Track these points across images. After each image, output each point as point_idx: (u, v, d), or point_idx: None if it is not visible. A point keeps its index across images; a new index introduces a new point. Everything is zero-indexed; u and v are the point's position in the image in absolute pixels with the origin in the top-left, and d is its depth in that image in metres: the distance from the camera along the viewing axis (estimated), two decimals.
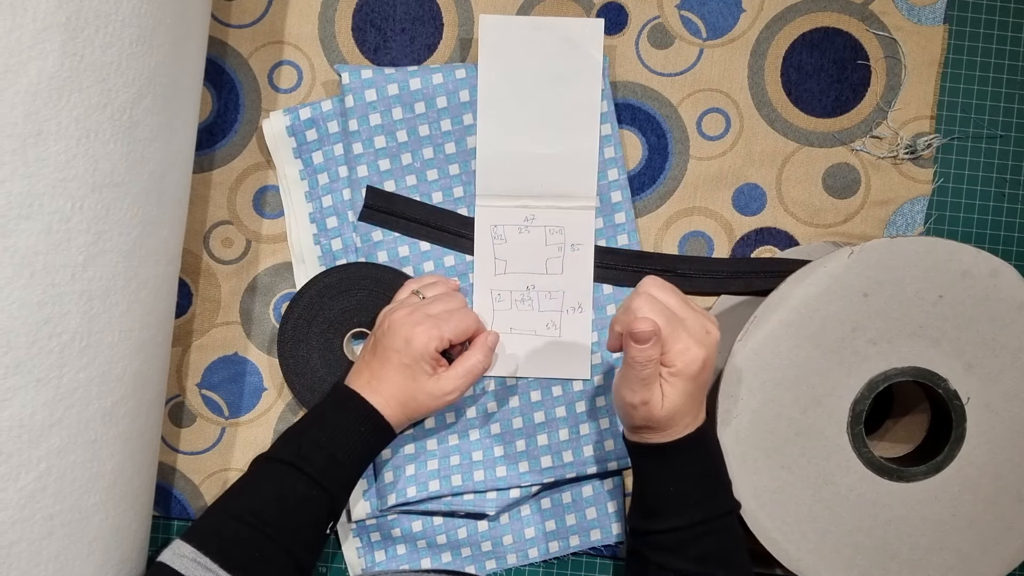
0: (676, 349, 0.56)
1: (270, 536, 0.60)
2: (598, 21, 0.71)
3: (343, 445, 0.63)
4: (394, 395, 0.65)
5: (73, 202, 0.51)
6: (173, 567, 0.58)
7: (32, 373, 0.51)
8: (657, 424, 0.58)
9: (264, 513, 0.60)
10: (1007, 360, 0.63)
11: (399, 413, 0.66)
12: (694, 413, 0.59)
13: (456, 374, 0.66)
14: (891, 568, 0.64)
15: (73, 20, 0.49)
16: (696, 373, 0.57)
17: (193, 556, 0.58)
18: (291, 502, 0.61)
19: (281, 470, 0.62)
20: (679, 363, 0.56)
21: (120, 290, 0.56)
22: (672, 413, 0.57)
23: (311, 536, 0.62)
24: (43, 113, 0.49)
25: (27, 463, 0.51)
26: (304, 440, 0.63)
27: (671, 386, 0.57)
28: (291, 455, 0.62)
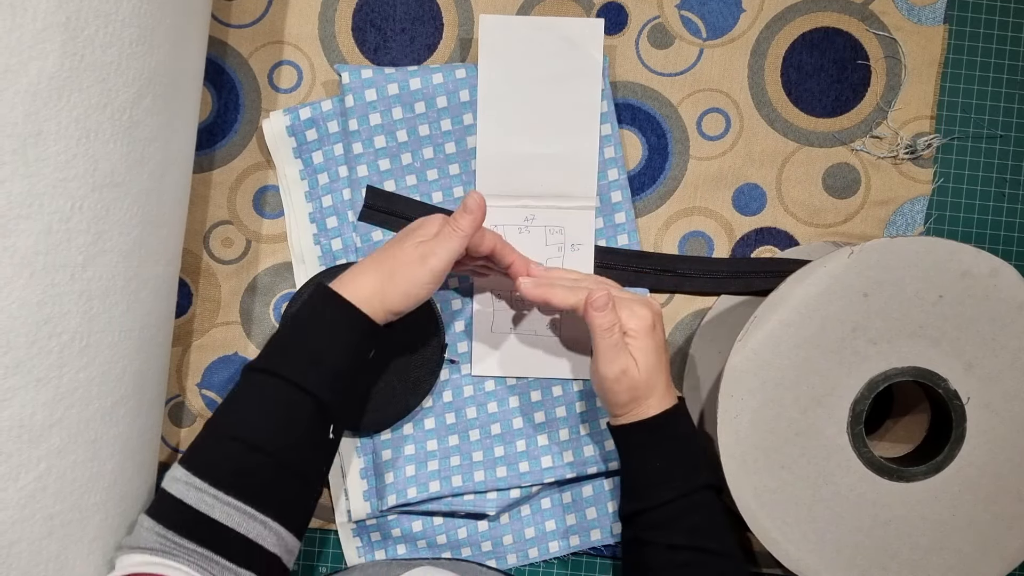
0: (625, 315, 0.63)
1: (258, 447, 0.58)
2: (598, 21, 0.71)
3: (319, 343, 0.61)
4: (366, 279, 0.62)
5: (73, 202, 0.51)
6: (169, 491, 0.57)
7: (32, 373, 0.51)
8: (638, 391, 0.63)
9: (248, 425, 0.59)
10: (1007, 360, 0.63)
11: (375, 299, 0.62)
12: (664, 381, 0.64)
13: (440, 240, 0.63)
14: (891, 568, 0.64)
15: (73, 20, 0.49)
16: (651, 327, 0.63)
17: (185, 478, 0.57)
18: (273, 410, 0.59)
19: (259, 379, 0.60)
20: (633, 323, 0.63)
21: (120, 290, 0.56)
22: (648, 374, 0.63)
23: (304, 443, 0.60)
24: (43, 113, 0.49)
25: (27, 463, 0.51)
26: (279, 345, 0.62)
27: (636, 347, 0.63)
28: (267, 362, 0.61)
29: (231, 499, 0.57)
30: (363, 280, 0.63)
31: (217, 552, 0.56)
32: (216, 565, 0.56)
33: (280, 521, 0.58)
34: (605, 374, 0.63)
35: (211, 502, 0.56)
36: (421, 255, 0.62)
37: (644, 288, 0.74)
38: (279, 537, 0.59)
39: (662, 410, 0.63)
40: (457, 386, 0.74)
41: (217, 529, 0.56)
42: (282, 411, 0.59)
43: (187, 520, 0.56)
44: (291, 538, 0.60)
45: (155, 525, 0.56)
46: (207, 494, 0.56)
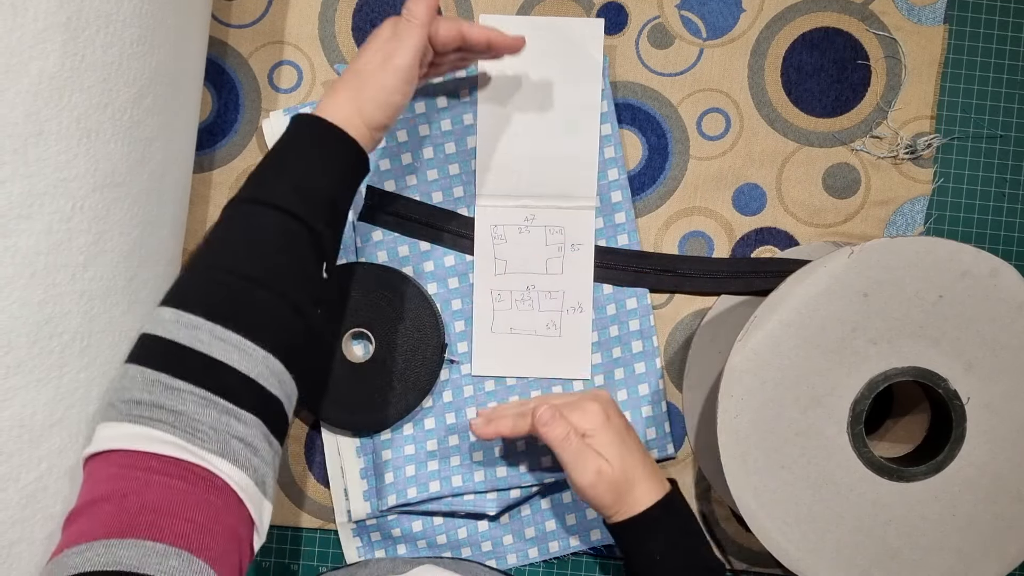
0: (576, 417, 0.63)
1: (249, 277, 0.53)
2: (598, 21, 0.71)
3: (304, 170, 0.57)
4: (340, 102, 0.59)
5: (74, 202, 0.51)
6: (157, 334, 0.51)
7: (33, 373, 0.51)
8: (620, 486, 0.62)
9: (239, 254, 0.54)
10: (1007, 360, 0.63)
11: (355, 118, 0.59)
12: (643, 465, 0.63)
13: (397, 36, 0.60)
14: (891, 568, 0.64)
15: (74, 20, 0.49)
16: (604, 420, 0.63)
17: (173, 316, 0.51)
18: (264, 236, 0.55)
19: (246, 208, 0.56)
20: (586, 422, 0.63)
21: (120, 290, 0.56)
22: (623, 466, 0.62)
23: (298, 273, 0.55)
24: (44, 113, 0.49)
25: (28, 463, 0.51)
26: (260, 173, 0.57)
27: (599, 444, 0.62)
28: (253, 191, 0.56)
29: (228, 332, 0.51)
30: (336, 101, 0.59)
31: (216, 392, 0.50)
32: (214, 408, 0.50)
33: (280, 357, 0.53)
34: (580, 482, 0.62)
35: (206, 339, 0.51)
36: (384, 57, 0.59)
37: (644, 288, 0.74)
38: (279, 378, 0.53)
39: (653, 501, 0.62)
40: (457, 386, 0.74)
41: (214, 367, 0.51)
42: (274, 238, 0.55)
43: (180, 359, 0.50)
44: (290, 381, 0.55)
45: (143, 371, 0.50)
46: (201, 330, 0.51)
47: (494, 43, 0.63)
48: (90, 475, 0.49)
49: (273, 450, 0.54)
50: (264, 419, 0.52)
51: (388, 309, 0.72)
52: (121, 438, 0.49)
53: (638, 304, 0.74)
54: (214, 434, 0.50)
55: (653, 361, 0.74)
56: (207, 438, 0.49)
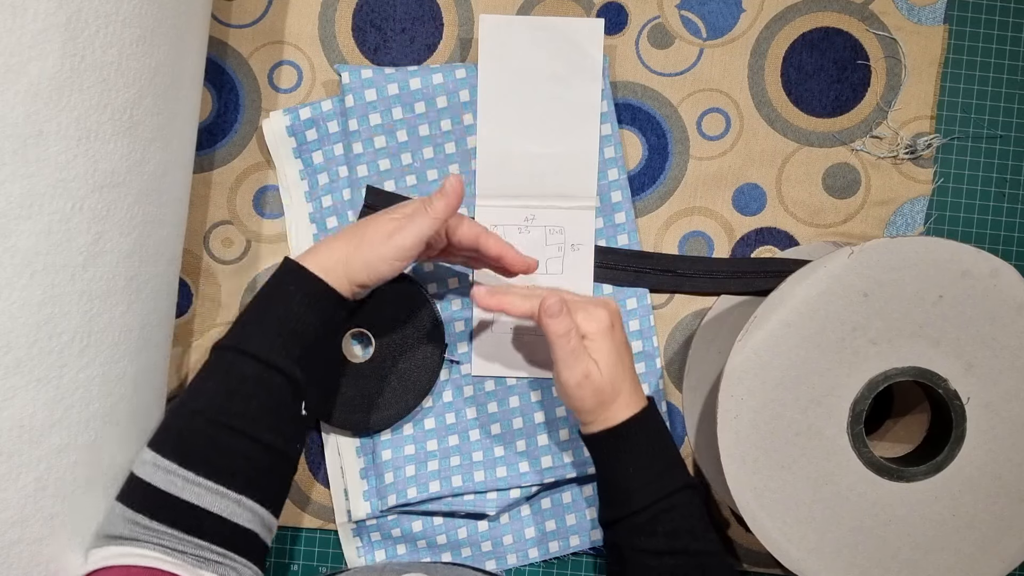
0: (581, 318, 0.63)
1: (225, 424, 0.57)
2: (598, 21, 0.71)
3: (283, 316, 0.60)
4: (334, 248, 0.62)
5: (73, 202, 0.51)
6: (139, 475, 0.57)
7: (32, 373, 0.51)
8: (604, 394, 0.62)
9: (215, 402, 0.58)
10: (1007, 360, 0.63)
11: (339, 268, 0.62)
12: (630, 381, 0.64)
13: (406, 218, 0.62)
14: (891, 568, 0.64)
15: (73, 20, 0.49)
16: (608, 328, 0.63)
17: (153, 460, 0.56)
18: (240, 385, 0.58)
19: (226, 357, 0.59)
20: (591, 326, 0.63)
21: (120, 290, 0.56)
22: (612, 376, 0.62)
23: (273, 419, 0.59)
24: (43, 113, 0.49)
25: (27, 463, 0.51)
26: (244, 321, 0.61)
27: (595, 349, 0.63)
28: (232, 339, 0.60)
29: (200, 479, 0.56)
30: (329, 249, 0.62)
31: (189, 532, 0.55)
32: (190, 544, 0.55)
33: (253, 497, 0.58)
34: (567, 380, 0.62)
35: (180, 483, 0.56)
36: (389, 231, 0.61)
37: (644, 288, 0.74)
38: (254, 513, 0.58)
39: (631, 414, 0.63)
40: (457, 386, 0.74)
41: (187, 509, 0.55)
42: (249, 387, 0.58)
43: (156, 502, 0.55)
44: (267, 514, 0.59)
45: (124, 510, 0.56)
46: (176, 475, 0.56)
47: (505, 258, 0.67)
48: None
49: (252, 572, 0.59)
50: (238, 551, 0.58)
51: (388, 309, 0.72)
52: (109, 557, 0.54)
53: (638, 304, 0.74)
54: (193, 558, 0.55)
55: (653, 361, 0.74)
56: (187, 558, 0.55)
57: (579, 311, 0.64)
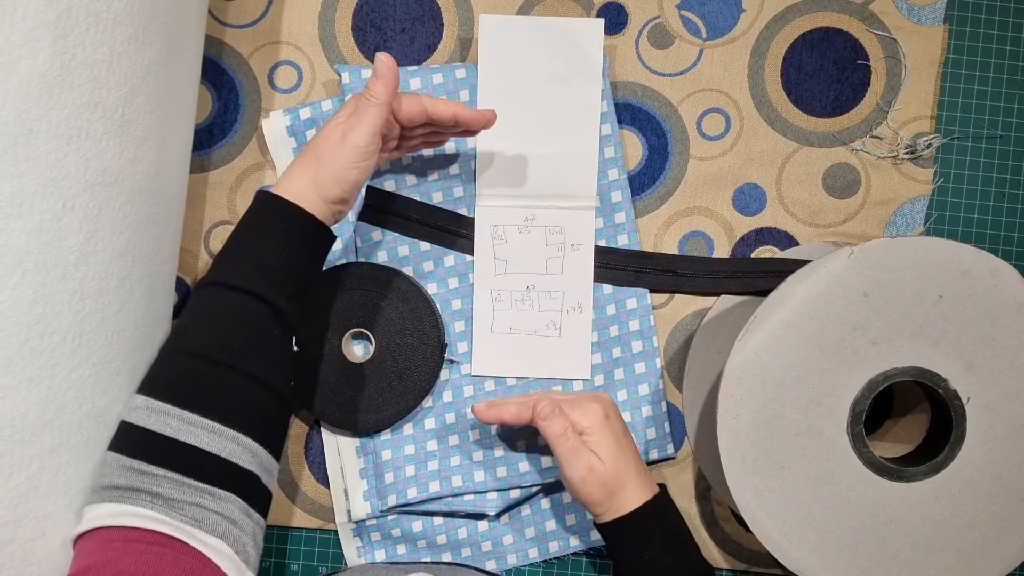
0: (577, 415, 0.64)
1: (215, 360, 0.56)
2: (598, 21, 0.71)
3: (262, 247, 0.59)
4: (299, 174, 0.60)
5: (64, 201, 0.51)
6: (131, 421, 0.55)
7: (24, 372, 0.50)
8: (611, 485, 0.63)
9: (201, 338, 0.57)
10: (1007, 360, 0.63)
11: (311, 191, 0.60)
12: (635, 466, 0.64)
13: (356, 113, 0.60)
14: (891, 568, 0.64)
15: (64, 18, 0.49)
16: (603, 419, 0.64)
17: (144, 404, 0.55)
18: (225, 319, 0.57)
19: (208, 292, 0.58)
20: (586, 420, 0.64)
21: (113, 289, 0.56)
22: (615, 466, 0.63)
23: (263, 351, 0.58)
24: (33, 112, 0.49)
25: (20, 463, 0.51)
26: (224, 256, 0.60)
27: (595, 443, 0.63)
28: (213, 274, 0.59)
29: (195, 416, 0.54)
30: (293, 175, 0.61)
31: (187, 475, 0.53)
32: (189, 489, 0.53)
33: (251, 435, 0.56)
34: (571, 477, 0.63)
35: (175, 424, 0.54)
36: (342, 134, 0.60)
37: (644, 288, 0.74)
38: (253, 454, 0.56)
39: (642, 502, 0.63)
40: (457, 386, 0.74)
41: (185, 451, 0.54)
42: (236, 320, 0.57)
43: (151, 446, 0.54)
44: (266, 455, 0.58)
45: (119, 458, 0.54)
46: (170, 416, 0.54)
47: (460, 117, 0.64)
48: (76, 552, 0.53)
49: (254, 522, 0.57)
50: (241, 494, 0.55)
51: (388, 309, 0.72)
52: (103, 516, 0.52)
53: (638, 304, 0.74)
54: (191, 509, 0.53)
55: (653, 361, 0.74)
56: (184, 513, 0.53)
57: (574, 409, 0.64)
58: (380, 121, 0.60)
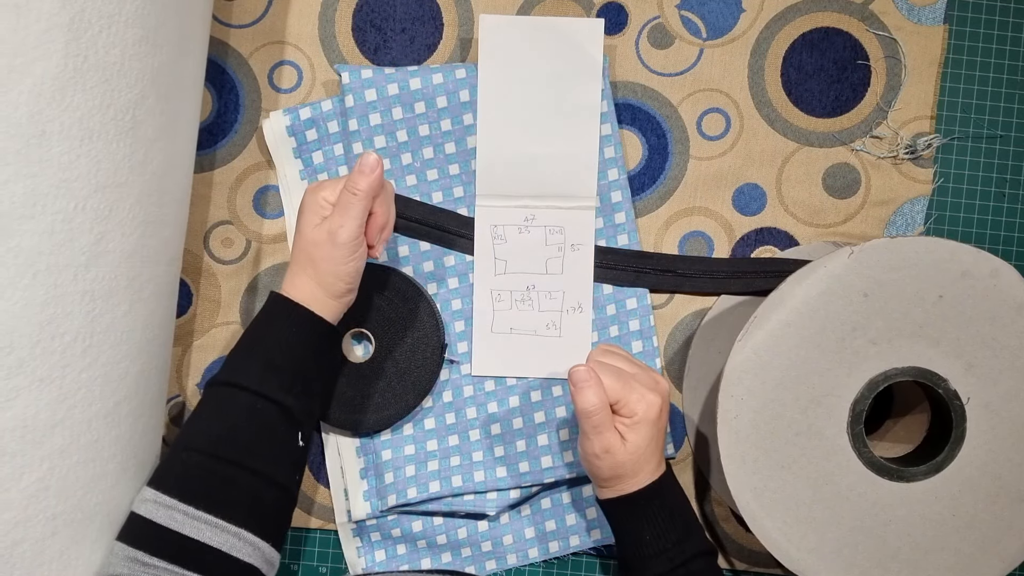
0: (633, 399, 0.60)
1: (222, 458, 0.58)
2: (598, 21, 0.71)
3: (271, 347, 0.61)
4: (301, 279, 0.62)
5: (76, 202, 0.51)
6: (139, 513, 0.57)
7: (35, 373, 0.51)
8: (623, 469, 0.61)
9: (211, 436, 0.59)
10: (1007, 360, 0.63)
11: (317, 292, 0.62)
12: (656, 459, 0.63)
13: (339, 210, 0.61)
14: (891, 568, 0.64)
15: (77, 21, 0.49)
16: (656, 417, 0.61)
17: (153, 497, 0.57)
18: (235, 420, 0.59)
19: (220, 391, 0.61)
20: (639, 410, 0.60)
21: (123, 290, 0.56)
22: (636, 457, 0.61)
23: (269, 450, 0.60)
24: (46, 113, 0.49)
25: (30, 463, 0.51)
26: (234, 356, 0.62)
27: (635, 432, 0.60)
28: (224, 374, 0.61)
29: (199, 512, 0.56)
30: (297, 280, 0.63)
31: (187, 567, 0.56)
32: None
33: (253, 531, 0.58)
34: (587, 450, 0.61)
35: (180, 518, 0.56)
36: (328, 232, 0.60)
37: (644, 288, 0.74)
38: (255, 547, 0.58)
39: (649, 482, 0.62)
40: (457, 386, 0.74)
41: (186, 544, 0.56)
42: (244, 419, 0.59)
43: (156, 539, 0.56)
44: (268, 547, 0.60)
45: (124, 548, 0.56)
46: (176, 510, 0.57)
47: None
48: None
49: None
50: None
51: (388, 309, 0.72)
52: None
53: (638, 304, 0.74)
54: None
55: (653, 361, 0.74)
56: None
57: (633, 390, 0.60)
58: (364, 214, 0.61)
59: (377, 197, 0.62)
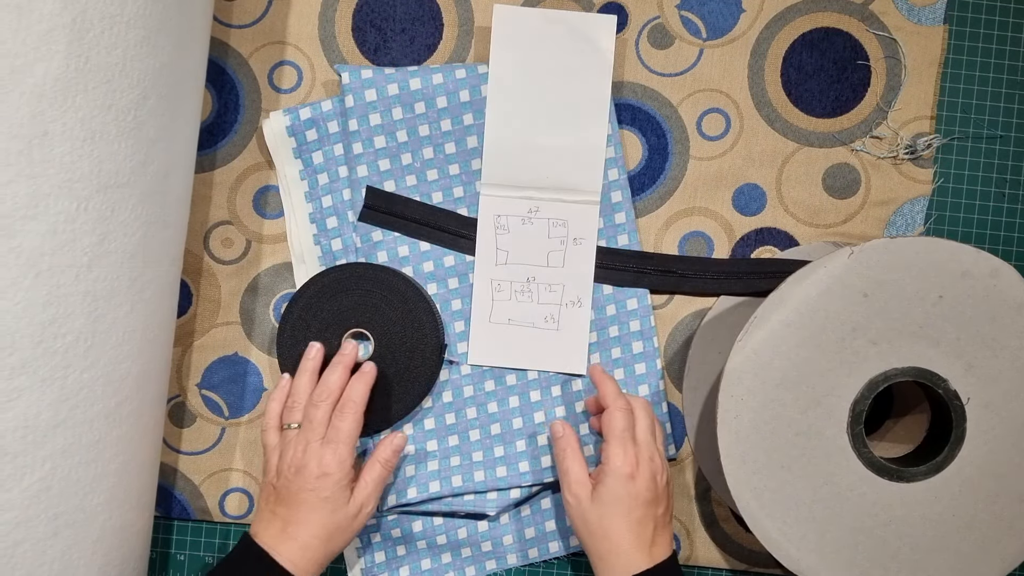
0: (611, 452, 0.63)
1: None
2: (610, 17, 0.71)
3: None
4: (316, 535, 0.63)
5: (78, 203, 0.51)
6: None
7: (37, 373, 0.51)
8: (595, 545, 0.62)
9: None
10: (1007, 360, 0.63)
11: (321, 554, 0.63)
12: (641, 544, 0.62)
13: (366, 484, 0.66)
14: (891, 568, 0.64)
15: (79, 21, 0.49)
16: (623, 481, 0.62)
17: None
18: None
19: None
20: (608, 465, 0.63)
21: (124, 291, 0.56)
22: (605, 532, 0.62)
23: None
24: (48, 114, 0.49)
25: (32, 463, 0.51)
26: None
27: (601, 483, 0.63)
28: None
29: None
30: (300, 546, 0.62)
31: None
32: None
33: None
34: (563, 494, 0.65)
35: None
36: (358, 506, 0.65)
37: (644, 288, 0.74)
38: None
39: (643, 568, 0.61)
40: (457, 386, 0.74)
41: None
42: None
43: None
44: None
45: None
46: None
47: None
48: None
49: None
50: None
51: (388, 309, 0.72)
52: None
53: (638, 305, 0.74)
54: None
55: (653, 362, 0.74)
56: None
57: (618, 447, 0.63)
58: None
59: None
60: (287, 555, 0.62)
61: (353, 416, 0.65)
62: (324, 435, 0.64)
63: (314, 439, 0.64)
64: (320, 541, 0.63)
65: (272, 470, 0.65)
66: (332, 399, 0.66)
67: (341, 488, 0.63)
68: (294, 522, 0.63)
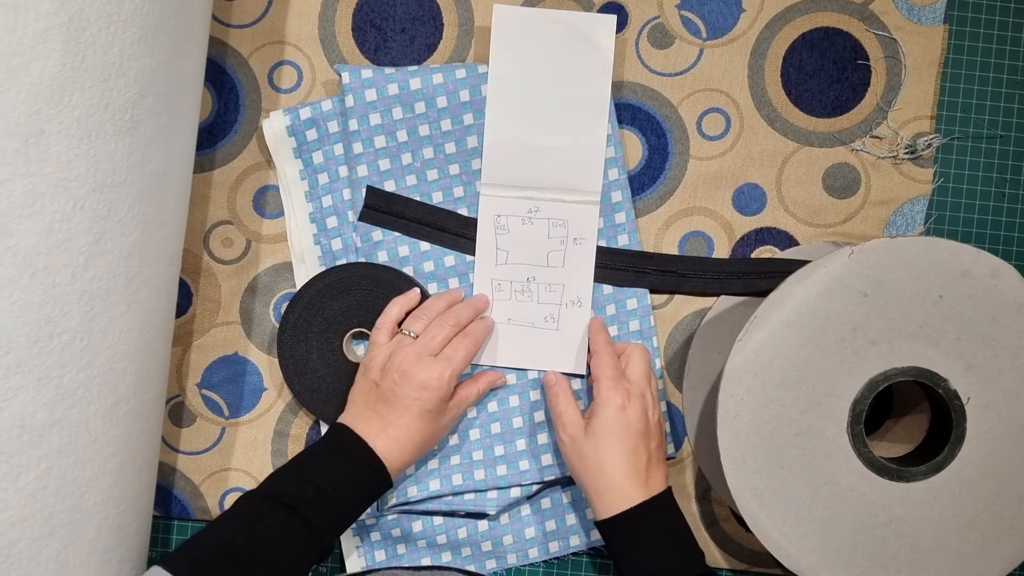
0: (601, 386, 0.66)
1: (250, 571, 0.58)
2: (610, 16, 0.71)
3: (344, 494, 0.62)
4: (413, 440, 0.65)
5: (74, 202, 0.51)
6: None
7: (33, 372, 0.51)
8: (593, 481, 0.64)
9: (251, 550, 0.58)
10: (1007, 360, 0.63)
11: (413, 456, 0.66)
12: (636, 475, 0.64)
13: (457, 404, 0.69)
14: (891, 568, 0.64)
15: (75, 20, 0.49)
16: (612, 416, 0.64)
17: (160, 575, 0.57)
18: (283, 545, 0.59)
19: (277, 511, 0.60)
20: (599, 398, 0.65)
21: (121, 290, 0.56)
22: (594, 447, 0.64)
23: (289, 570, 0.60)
24: (45, 113, 0.49)
25: (28, 463, 0.51)
26: (306, 483, 0.62)
27: (594, 415, 0.65)
28: (291, 497, 0.61)
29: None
30: (399, 442, 0.65)
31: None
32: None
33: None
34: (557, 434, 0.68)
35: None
36: (451, 419, 0.69)
37: (644, 288, 0.74)
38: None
39: (637, 502, 0.63)
40: None
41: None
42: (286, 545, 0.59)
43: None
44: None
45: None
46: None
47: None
48: None
49: None
50: None
51: None
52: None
53: (638, 304, 0.74)
54: None
55: (653, 361, 0.74)
56: None
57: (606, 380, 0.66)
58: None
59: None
60: (383, 449, 0.64)
61: (472, 346, 0.68)
62: (438, 354, 0.66)
63: (426, 353, 0.66)
64: (415, 445, 0.66)
65: (376, 368, 0.66)
66: (458, 327, 0.69)
67: (442, 402, 0.66)
68: (395, 424, 0.65)
